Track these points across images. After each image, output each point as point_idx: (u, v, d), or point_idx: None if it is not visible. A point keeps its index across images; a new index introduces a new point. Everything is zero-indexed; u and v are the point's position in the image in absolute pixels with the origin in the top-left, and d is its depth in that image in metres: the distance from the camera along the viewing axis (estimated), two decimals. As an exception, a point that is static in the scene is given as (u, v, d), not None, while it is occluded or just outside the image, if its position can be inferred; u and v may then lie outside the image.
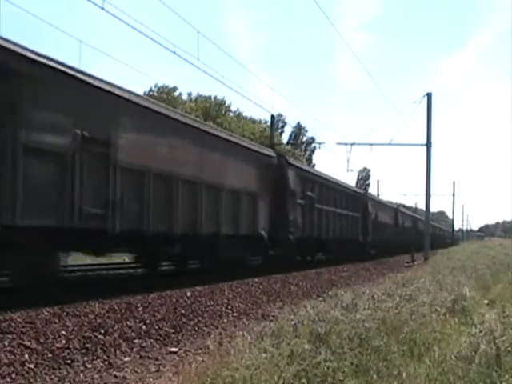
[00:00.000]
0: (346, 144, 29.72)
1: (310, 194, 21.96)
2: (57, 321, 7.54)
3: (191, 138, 13.71)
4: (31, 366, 5.82)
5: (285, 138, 71.17)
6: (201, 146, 14.15)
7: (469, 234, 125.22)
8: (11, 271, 9.69)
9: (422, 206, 44.18)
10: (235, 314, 9.95)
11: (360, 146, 29.49)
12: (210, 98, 59.21)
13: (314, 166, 62.46)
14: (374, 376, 4.62)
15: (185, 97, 58.60)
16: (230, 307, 10.41)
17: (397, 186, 72.72)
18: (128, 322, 7.97)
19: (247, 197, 16.60)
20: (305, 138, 72.35)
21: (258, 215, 17.24)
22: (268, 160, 18.59)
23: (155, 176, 12.08)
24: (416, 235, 44.32)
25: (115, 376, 5.90)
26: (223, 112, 59.55)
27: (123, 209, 11.01)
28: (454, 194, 72.59)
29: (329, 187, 25.04)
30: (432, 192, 29.26)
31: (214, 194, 14.72)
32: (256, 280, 14.44)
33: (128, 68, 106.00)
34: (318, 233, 22.99)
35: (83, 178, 9.95)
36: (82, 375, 5.81)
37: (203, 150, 14.29)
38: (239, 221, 16.11)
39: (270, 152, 19.56)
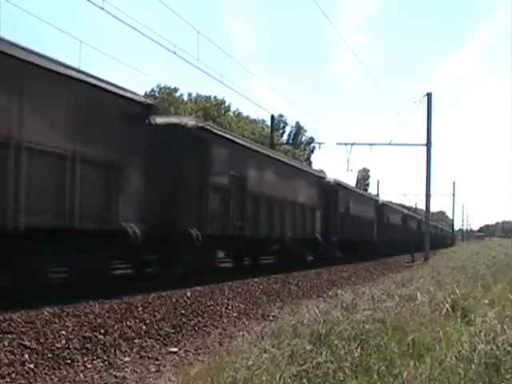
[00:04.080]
0: (345, 144, 29.75)
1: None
2: (57, 321, 7.54)
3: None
4: (31, 365, 5.81)
5: (285, 138, 71.27)
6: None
7: (469, 234, 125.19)
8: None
9: (422, 206, 43.92)
10: (235, 314, 9.95)
11: (360, 145, 29.53)
12: (209, 98, 59.25)
13: (311, 164, 62.39)
14: (375, 376, 4.61)
15: (185, 97, 58.69)
16: (229, 307, 10.41)
17: (397, 186, 72.76)
18: (128, 322, 7.96)
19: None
20: (304, 138, 72.34)
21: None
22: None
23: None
24: (406, 233, 45.04)
25: (115, 376, 5.90)
26: (223, 112, 59.60)
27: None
28: (454, 194, 72.68)
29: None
30: (432, 192, 29.30)
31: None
32: (256, 280, 14.44)
33: (128, 68, 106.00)
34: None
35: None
36: (82, 375, 5.81)
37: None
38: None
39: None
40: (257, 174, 17.75)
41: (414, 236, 44.80)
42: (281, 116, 61.10)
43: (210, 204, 14.75)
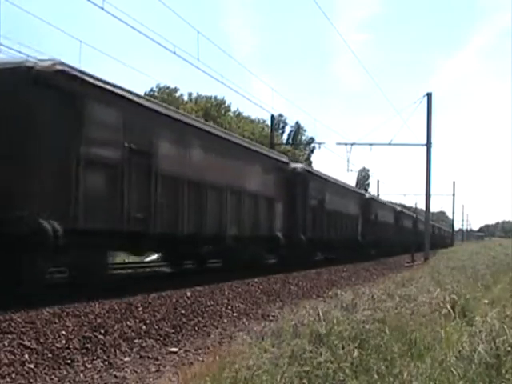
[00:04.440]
0: (345, 144, 29.75)
1: None
2: (57, 321, 7.53)
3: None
4: (31, 365, 5.81)
5: (285, 138, 71.22)
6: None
7: (469, 234, 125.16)
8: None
9: (422, 205, 43.59)
10: (235, 314, 9.94)
11: (360, 145, 29.49)
12: (210, 98, 59.25)
13: (311, 164, 62.36)
14: (375, 376, 4.62)
15: (185, 97, 58.70)
16: (230, 307, 10.40)
17: (397, 186, 72.69)
18: (128, 322, 7.96)
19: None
20: (304, 138, 72.32)
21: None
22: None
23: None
24: (399, 232, 42.74)
25: (115, 376, 5.90)
26: (223, 112, 59.60)
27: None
28: (454, 194, 72.66)
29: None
30: (432, 192, 29.25)
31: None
32: (256, 280, 14.44)
33: (128, 68, 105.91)
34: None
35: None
36: (82, 375, 5.81)
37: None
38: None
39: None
40: (175, 150, 13.18)
41: (408, 236, 41.25)
42: (280, 116, 61.07)
43: (84, 185, 10.15)
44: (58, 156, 9.76)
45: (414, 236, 39.05)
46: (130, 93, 11.79)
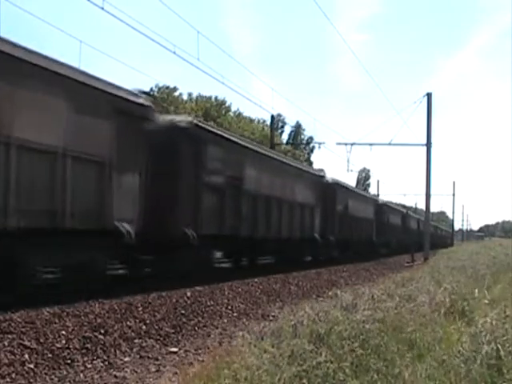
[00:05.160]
0: (345, 144, 29.70)
1: None
2: (57, 321, 7.54)
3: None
4: (31, 365, 5.81)
5: (284, 137, 71.22)
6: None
7: (469, 234, 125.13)
8: None
9: (422, 206, 43.73)
10: (235, 314, 9.95)
11: (360, 146, 29.49)
12: (210, 98, 59.24)
13: (311, 164, 62.36)
14: (375, 376, 4.61)
15: (185, 97, 58.68)
16: (230, 307, 10.41)
17: (397, 186, 72.67)
18: (128, 322, 7.97)
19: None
20: (304, 138, 72.27)
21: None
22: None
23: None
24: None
25: (115, 376, 5.90)
26: (223, 112, 59.59)
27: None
28: (454, 194, 72.60)
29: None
30: (432, 192, 29.22)
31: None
32: (256, 280, 14.44)
33: (128, 68, 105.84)
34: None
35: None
36: (82, 375, 5.81)
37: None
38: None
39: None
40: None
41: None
42: (279, 115, 61.04)
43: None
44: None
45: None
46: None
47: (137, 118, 11.49)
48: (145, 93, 12.51)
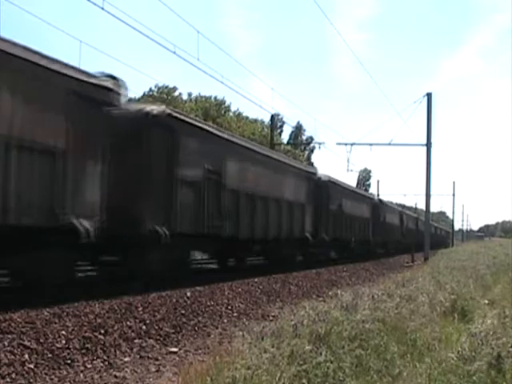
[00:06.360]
0: (346, 144, 29.72)
1: None
2: (57, 321, 7.54)
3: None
4: (31, 365, 5.81)
5: (283, 137, 71.15)
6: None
7: (469, 234, 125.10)
8: None
9: (422, 205, 43.46)
10: (235, 314, 9.95)
11: (360, 146, 29.49)
12: (209, 98, 59.22)
13: (312, 165, 62.32)
14: (375, 376, 4.62)
15: (185, 97, 58.67)
16: (230, 307, 10.41)
17: (397, 186, 72.66)
18: (128, 322, 7.96)
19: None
20: (304, 138, 72.20)
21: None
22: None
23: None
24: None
25: (115, 376, 5.90)
26: (223, 112, 59.57)
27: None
28: (454, 194, 72.52)
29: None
30: (432, 192, 29.21)
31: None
32: (256, 280, 14.44)
33: (128, 68, 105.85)
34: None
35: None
36: (82, 375, 5.81)
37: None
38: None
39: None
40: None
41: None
42: (277, 115, 61.02)
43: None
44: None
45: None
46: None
47: (98, 103, 10.13)
48: (112, 77, 10.70)
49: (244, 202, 16.12)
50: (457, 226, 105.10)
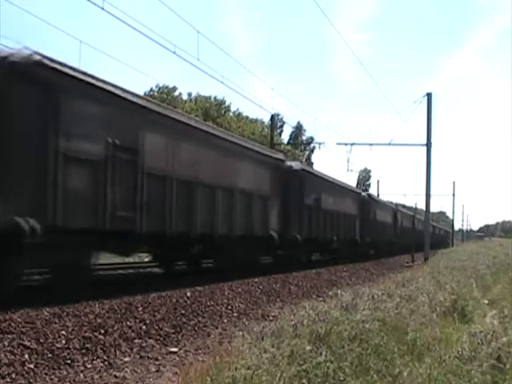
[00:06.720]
0: (346, 144, 29.76)
1: None
2: (57, 321, 7.53)
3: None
4: (31, 365, 5.81)
5: (283, 137, 71.16)
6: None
7: (469, 234, 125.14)
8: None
9: (422, 205, 43.01)
10: (235, 314, 9.94)
11: (360, 146, 29.49)
12: (209, 98, 59.23)
13: (312, 165, 62.34)
14: (375, 376, 4.62)
15: (185, 97, 58.69)
16: (230, 307, 10.40)
17: (397, 186, 72.63)
18: (128, 322, 7.96)
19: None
20: (304, 138, 72.19)
21: None
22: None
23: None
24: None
25: (115, 376, 5.90)
26: (223, 112, 59.58)
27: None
28: (454, 194, 72.53)
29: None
30: (432, 192, 29.22)
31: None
32: (256, 280, 14.44)
33: (128, 68, 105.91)
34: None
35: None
36: (82, 375, 5.81)
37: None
38: None
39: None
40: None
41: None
42: (277, 115, 61.01)
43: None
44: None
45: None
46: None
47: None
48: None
49: (175, 189, 12.89)
50: (457, 226, 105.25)
